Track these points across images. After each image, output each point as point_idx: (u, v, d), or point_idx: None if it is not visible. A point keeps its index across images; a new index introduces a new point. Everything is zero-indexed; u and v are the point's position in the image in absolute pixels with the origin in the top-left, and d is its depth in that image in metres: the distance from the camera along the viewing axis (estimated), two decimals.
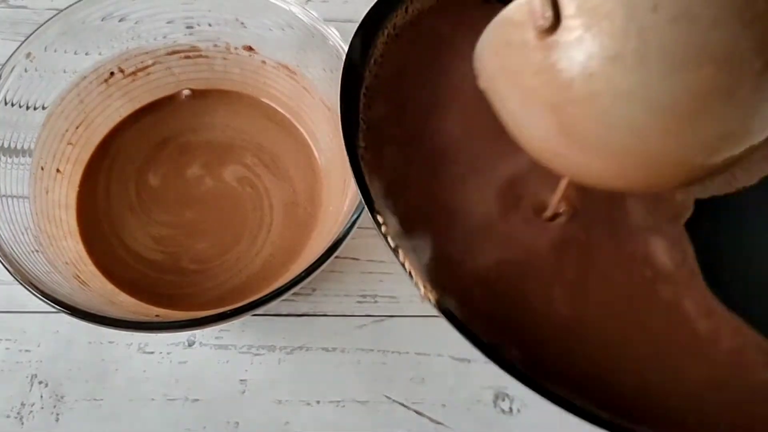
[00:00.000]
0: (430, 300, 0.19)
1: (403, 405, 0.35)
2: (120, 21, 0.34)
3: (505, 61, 0.15)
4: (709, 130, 0.13)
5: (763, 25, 0.12)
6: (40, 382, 0.35)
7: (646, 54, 0.12)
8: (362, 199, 0.22)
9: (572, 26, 0.13)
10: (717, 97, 0.12)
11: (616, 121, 0.13)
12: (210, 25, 0.36)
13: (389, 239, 0.20)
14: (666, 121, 0.13)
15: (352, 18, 0.45)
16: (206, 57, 0.37)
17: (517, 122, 0.15)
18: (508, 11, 0.15)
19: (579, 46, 0.13)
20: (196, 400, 0.35)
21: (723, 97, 0.12)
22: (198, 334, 0.36)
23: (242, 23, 0.35)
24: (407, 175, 0.23)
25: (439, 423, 0.35)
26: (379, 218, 0.20)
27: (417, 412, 0.35)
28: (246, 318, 0.28)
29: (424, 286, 0.19)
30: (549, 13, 0.13)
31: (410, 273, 0.20)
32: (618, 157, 0.14)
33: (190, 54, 0.37)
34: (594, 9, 0.12)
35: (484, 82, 0.16)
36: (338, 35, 0.32)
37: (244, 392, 0.35)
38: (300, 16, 0.33)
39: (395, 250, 0.20)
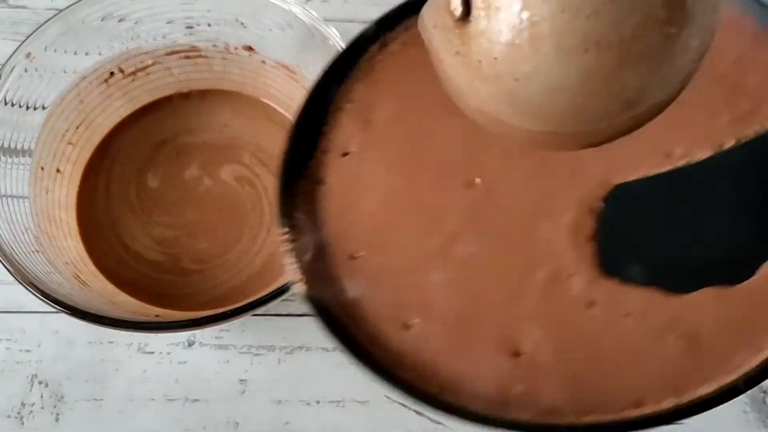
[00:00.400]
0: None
1: (403, 405, 0.35)
2: (120, 21, 0.34)
3: (433, 39, 0.17)
4: (597, 104, 0.15)
5: (638, 13, 0.14)
6: (41, 382, 0.35)
7: (539, 41, 0.14)
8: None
9: (478, 17, 0.15)
10: (601, 75, 0.15)
11: (518, 99, 0.16)
12: (210, 25, 0.36)
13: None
14: (560, 98, 0.15)
15: (352, 18, 0.45)
16: (206, 57, 0.37)
17: (446, 87, 0.18)
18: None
19: (484, 34, 0.15)
20: (196, 400, 0.35)
21: (606, 75, 0.15)
22: (198, 334, 0.36)
23: (242, 23, 0.35)
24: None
25: (438, 423, 0.35)
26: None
27: (417, 412, 0.35)
28: (246, 318, 0.29)
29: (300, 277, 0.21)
30: (460, 5, 0.15)
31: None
32: (523, 128, 0.17)
33: (190, 54, 0.37)
34: (494, 1, 0.15)
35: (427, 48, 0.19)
36: (338, 35, 0.32)
37: (243, 392, 0.35)
38: (300, 16, 0.33)
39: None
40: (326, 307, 0.22)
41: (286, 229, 0.23)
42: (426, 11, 0.18)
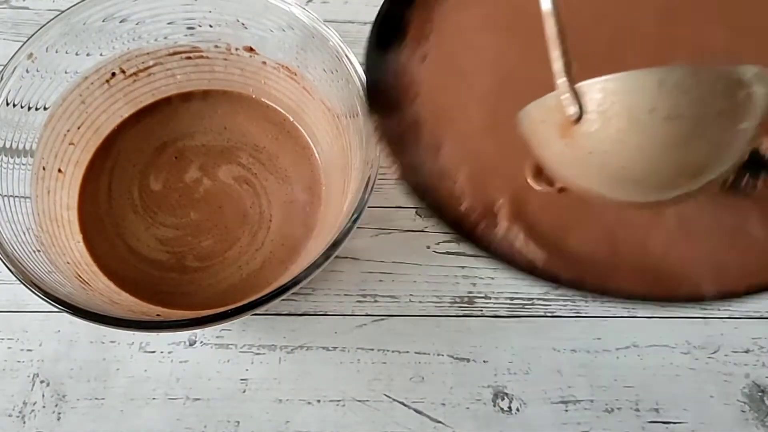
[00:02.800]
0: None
1: (402, 404, 0.35)
2: (121, 22, 0.34)
3: (540, 130, 0.22)
4: (675, 181, 0.21)
5: (730, 119, 0.19)
6: (42, 382, 0.35)
7: (646, 142, 0.19)
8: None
9: (592, 120, 0.20)
10: (697, 163, 0.20)
11: (620, 181, 0.20)
12: (211, 26, 0.36)
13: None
14: (650, 178, 0.20)
15: (352, 19, 0.45)
16: (207, 58, 0.38)
17: (546, 164, 0.23)
18: (547, 99, 0.21)
19: (597, 134, 0.20)
20: (197, 399, 0.35)
21: (700, 163, 0.20)
22: (199, 333, 0.36)
23: (243, 24, 0.35)
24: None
25: (438, 422, 0.35)
26: None
27: (417, 411, 0.35)
28: (247, 317, 0.29)
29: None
30: (577, 110, 0.20)
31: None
32: (616, 198, 0.22)
33: (191, 55, 0.37)
34: (606, 111, 0.19)
35: (525, 136, 0.23)
36: (339, 36, 0.32)
37: (244, 391, 0.35)
38: (300, 17, 0.33)
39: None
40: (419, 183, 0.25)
41: (376, 115, 0.26)
42: (534, 109, 0.22)
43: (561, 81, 0.20)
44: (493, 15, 0.28)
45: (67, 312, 0.27)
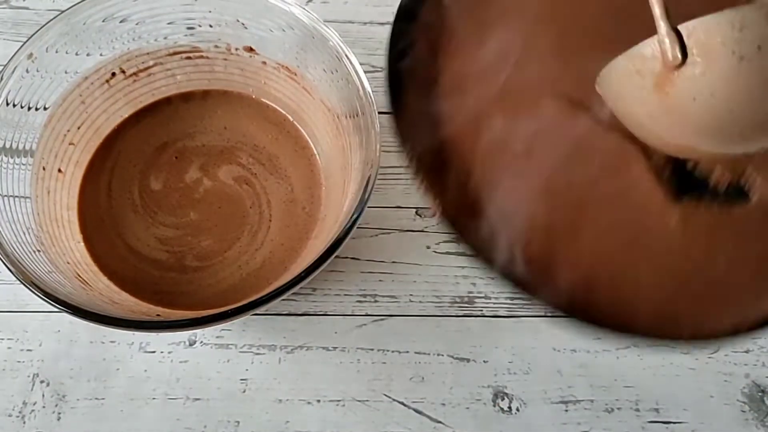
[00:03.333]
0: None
1: (402, 404, 0.35)
2: (121, 22, 0.34)
3: (631, 83, 0.20)
4: None
5: None
6: (42, 381, 0.35)
7: (754, 80, 0.18)
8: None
9: (696, 62, 0.19)
10: None
11: (720, 126, 0.19)
12: (211, 26, 0.36)
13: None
14: (758, 124, 0.19)
15: (352, 19, 0.45)
16: (207, 58, 0.38)
17: (634, 122, 0.21)
18: (642, 48, 0.20)
19: (703, 75, 0.19)
20: (197, 399, 0.35)
21: None
22: (199, 333, 0.36)
23: (243, 24, 0.35)
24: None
25: (438, 422, 0.35)
26: None
27: (417, 411, 0.35)
28: (247, 317, 0.29)
29: None
30: (678, 54, 0.19)
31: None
32: (713, 151, 0.20)
33: (191, 55, 0.37)
34: (711, 52, 0.18)
35: (604, 93, 0.22)
36: (339, 36, 0.33)
37: (244, 391, 0.35)
38: (300, 17, 0.33)
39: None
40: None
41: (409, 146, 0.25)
42: (625, 60, 0.21)
43: (662, 26, 0.19)
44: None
45: (67, 312, 0.27)
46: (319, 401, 0.35)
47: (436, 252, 0.39)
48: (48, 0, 0.45)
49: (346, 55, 0.32)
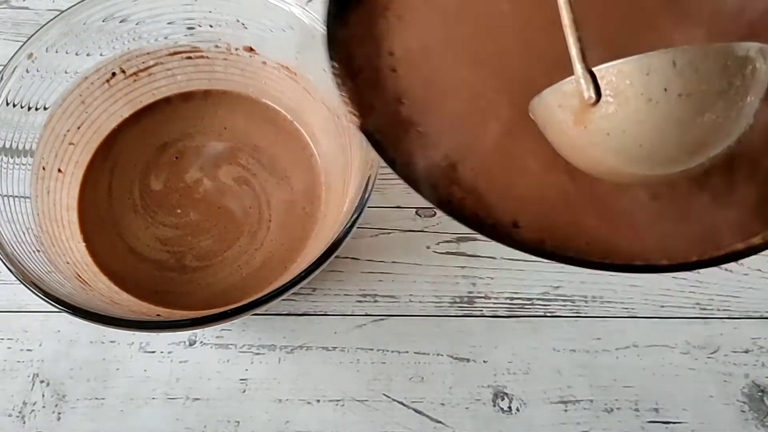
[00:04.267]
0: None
1: (402, 404, 0.35)
2: (121, 22, 0.34)
3: (553, 117, 0.23)
4: (696, 158, 0.22)
5: (738, 93, 0.20)
6: (42, 382, 0.35)
7: (661, 119, 0.20)
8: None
9: (609, 102, 0.21)
10: (708, 137, 0.21)
11: (636, 157, 0.21)
12: (211, 26, 0.36)
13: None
14: (664, 151, 0.21)
15: None
16: (207, 58, 0.38)
17: (560, 149, 0.23)
18: (562, 85, 0.22)
19: (615, 114, 0.21)
20: (197, 399, 0.35)
21: (711, 137, 0.21)
22: (199, 333, 0.36)
23: (243, 24, 0.35)
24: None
25: (438, 422, 0.35)
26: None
27: (416, 411, 0.35)
28: (247, 317, 0.29)
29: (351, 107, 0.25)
30: (592, 95, 0.21)
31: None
32: (632, 174, 0.22)
33: (191, 55, 0.37)
34: (622, 93, 0.20)
35: (535, 118, 0.24)
36: None
37: (244, 391, 0.35)
38: (300, 17, 0.33)
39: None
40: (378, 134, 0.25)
41: (336, 65, 0.26)
42: (550, 94, 0.23)
43: (578, 67, 0.21)
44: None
45: (67, 312, 0.27)
46: (318, 401, 0.35)
47: (436, 252, 0.39)
48: (48, 0, 0.45)
49: None
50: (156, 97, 0.39)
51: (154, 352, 0.36)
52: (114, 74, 0.36)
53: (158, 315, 0.32)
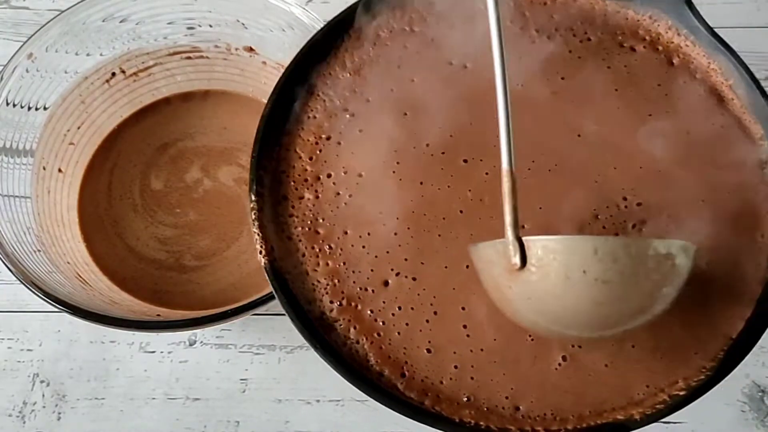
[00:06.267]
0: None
1: None
2: (121, 22, 0.34)
3: (486, 268, 0.24)
4: (609, 333, 0.23)
5: (655, 286, 0.22)
6: (42, 381, 0.35)
7: (576, 297, 0.22)
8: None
9: (532, 271, 0.22)
10: (621, 318, 0.22)
11: (557, 319, 0.23)
12: (211, 26, 0.36)
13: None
14: (579, 318, 0.22)
15: None
16: (207, 58, 0.38)
17: (491, 296, 0.24)
18: (497, 244, 0.23)
19: (536, 283, 0.22)
20: (197, 399, 0.35)
21: (624, 318, 0.22)
22: (199, 333, 0.36)
23: (243, 24, 0.35)
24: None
25: None
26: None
27: None
28: (247, 317, 0.29)
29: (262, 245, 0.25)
30: (518, 262, 0.22)
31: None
32: (553, 331, 0.24)
33: (191, 55, 0.37)
34: (545, 266, 0.22)
35: (473, 263, 0.25)
36: None
37: (244, 391, 0.35)
38: (300, 17, 0.33)
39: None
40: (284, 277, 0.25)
41: (255, 198, 0.26)
42: (484, 248, 0.24)
43: (509, 233, 0.23)
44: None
45: (67, 312, 0.27)
46: (318, 401, 0.35)
47: None
48: (48, 0, 0.45)
49: None
50: (156, 98, 0.39)
51: (154, 352, 0.36)
52: (114, 74, 0.36)
53: (158, 315, 0.32)
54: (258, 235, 0.25)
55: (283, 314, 0.37)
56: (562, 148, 0.27)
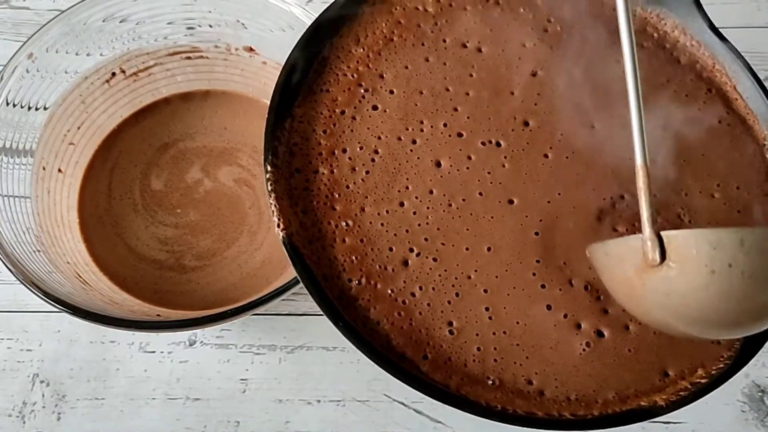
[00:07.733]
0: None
1: (402, 404, 0.35)
2: (121, 22, 0.34)
3: (616, 265, 0.23)
4: (750, 329, 0.22)
5: None
6: (42, 381, 0.35)
7: (721, 292, 0.20)
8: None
9: (672, 266, 0.21)
10: (760, 313, 0.21)
11: (691, 319, 0.22)
12: (211, 26, 0.36)
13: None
14: (724, 324, 0.22)
15: None
16: (207, 58, 0.38)
17: (615, 294, 0.24)
18: (629, 240, 0.23)
19: (676, 278, 0.21)
20: (197, 399, 0.35)
21: (762, 314, 0.21)
22: (199, 333, 0.36)
23: (243, 24, 0.35)
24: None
25: (438, 422, 0.35)
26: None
27: (416, 411, 0.35)
28: (247, 317, 0.29)
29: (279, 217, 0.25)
30: (657, 257, 0.21)
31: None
32: (686, 333, 0.23)
33: (191, 55, 0.37)
34: (687, 261, 0.21)
35: (593, 261, 0.25)
36: None
37: (244, 391, 0.35)
38: (300, 17, 0.33)
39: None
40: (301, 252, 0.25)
41: (270, 169, 0.25)
42: (614, 245, 0.24)
43: (647, 229, 0.22)
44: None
45: (67, 312, 0.27)
46: (319, 401, 0.35)
47: None
48: (48, 0, 0.45)
49: None
50: (156, 98, 0.39)
51: (154, 352, 0.36)
52: (114, 74, 0.36)
53: (158, 315, 0.32)
54: (275, 206, 0.25)
55: (284, 314, 0.37)
56: (578, 137, 0.27)
